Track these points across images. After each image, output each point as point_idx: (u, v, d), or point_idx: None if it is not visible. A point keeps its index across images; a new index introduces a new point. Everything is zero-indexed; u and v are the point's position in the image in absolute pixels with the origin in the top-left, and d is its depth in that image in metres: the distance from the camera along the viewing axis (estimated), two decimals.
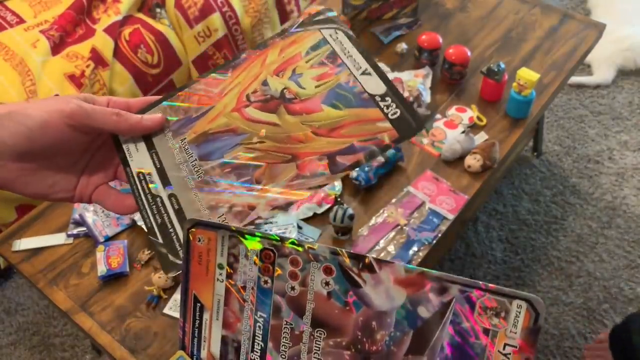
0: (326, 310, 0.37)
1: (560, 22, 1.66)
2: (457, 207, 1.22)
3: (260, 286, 0.38)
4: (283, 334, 0.38)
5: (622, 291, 1.61)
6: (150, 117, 0.46)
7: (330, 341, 0.37)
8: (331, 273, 0.36)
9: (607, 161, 1.93)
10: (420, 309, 0.35)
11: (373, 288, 0.36)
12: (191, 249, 0.39)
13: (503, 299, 0.34)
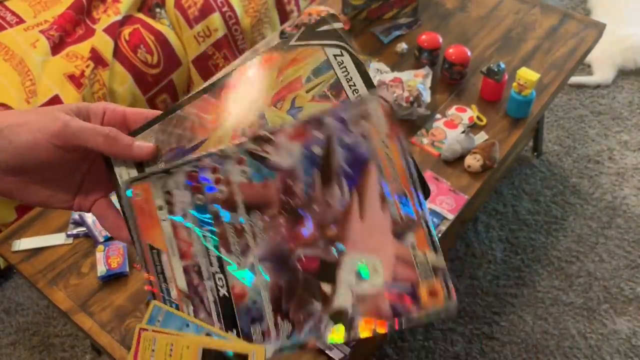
0: (252, 194, 0.41)
1: (560, 22, 1.66)
2: (457, 207, 1.22)
3: (196, 205, 0.42)
4: (229, 234, 0.41)
5: (622, 291, 1.61)
6: (142, 145, 0.43)
7: (266, 217, 0.41)
8: (243, 162, 0.41)
9: (607, 161, 1.93)
10: (314, 148, 0.41)
11: (277, 153, 0.41)
12: (134, 207, 0.42)
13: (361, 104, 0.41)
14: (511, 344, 1.52)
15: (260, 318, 0.40)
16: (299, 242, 0.40)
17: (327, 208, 0.40)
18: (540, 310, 1.58)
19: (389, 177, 0.40)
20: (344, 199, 0.40)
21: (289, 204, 0.41)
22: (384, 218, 0.39)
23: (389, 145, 0.40)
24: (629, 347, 1.50)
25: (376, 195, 0.40)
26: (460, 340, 1.53)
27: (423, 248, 0.39)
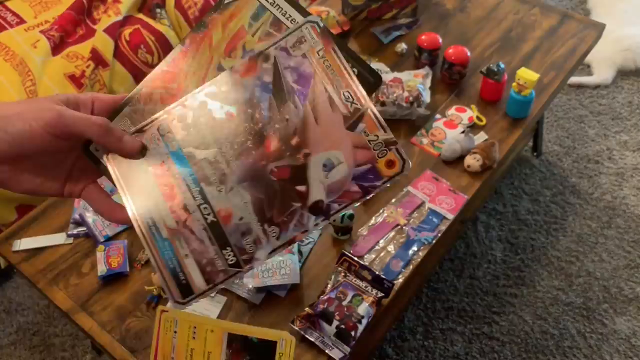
0: (218, 128, 0.46)
1: (560, 22, 1.66)
2: (456, 207, 1.22)
3: (172, 151, 0.46)
4: (205, 169, 0.46)
5: (622, 291, 1.61)
6: (131, 141, 0.46)
7: (235, 145, 0.46)
8: (205, 105, 0.47)
9: (607, 161, 1.93)
10: (265, 77, 0.46)
11: (234, 91, 0.47)
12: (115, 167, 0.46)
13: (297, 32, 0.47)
14: (511, 344, 1.52)
15: (249, 231, 0.44)
16: (269, 158, 0.45)
17: (286, 123, 0.46)
18: (540, 310, 1.58)
19: (332, 82, 0.46)
20: (298, 112, 0.46)
21: (253, 128, 0.46)
22: (335, 117, 0.45)
23: (326, 57, 0.46)
24: (628, 346, 1.50)
25: (325, 100, 0.46)
26: (460, 339, 1.53)
27: (374, 131, 0.45)
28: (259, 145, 0.46)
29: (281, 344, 0.42)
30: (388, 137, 0.45)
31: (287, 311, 1.06)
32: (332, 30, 1.58)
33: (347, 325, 1.00)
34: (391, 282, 1.04)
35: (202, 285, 0.44)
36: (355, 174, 0.44)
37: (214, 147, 0.46)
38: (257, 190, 0.45)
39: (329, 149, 0.45)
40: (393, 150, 0.45)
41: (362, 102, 0.46)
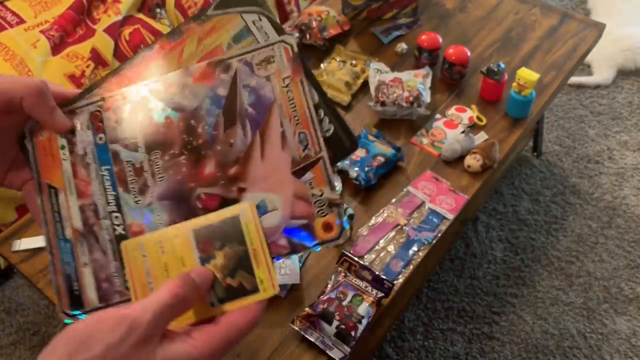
0: (153, 132, 0.42)
1: (560, 22, 1.66)
2: (457, 207, 1.22)
3: (97, 144, 0.42)
4: (127, 173, 0.42)
5: (622, 291, 1.61)
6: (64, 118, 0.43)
7: (166, 156, 0.42)
8: (147, 101, 0.42)
9: (607, 161, 1.93)
10: (219, 90, 0.42)
11: (181, 94, 0.42)
12: (37, 147, 0.43)
13: (267, 49, 0.43)
14: (511, 344, 1.52)
15: None
16: (200, 181, 0.41)
17: (229, 148, 0.41)
18: (540, 310, 1.58)
19: (290, 117, 0.42)
20: (246, 139, 0.42)
21: (191, 143, 0.42)
22: (284, 157, 0.41)
23: (291, 88, 0.42)
24: (628, 346, 1.50)
25: (277, 136, 0.41)
26: (460, 340, 1.53)
27: (320, 185, 0.41)
28: (193, 164, 0.41)
29: (243, 214, 0.40)
30: (333, 197, 0.40)
31: (287, 311, 1.06)
32: (331, 31, 1.59)
33: (347, 326, 1.00)
34: (391, 282, 1.04)
35: (95, 301, 0.40)
36: (288, 227, 0.40)
37: (144, 152, 0.42)
38: (177, 213, 0.41)
39: (267, 191, 0.41)
40: (335, 213, 0.40)
41: (316, 150, 0.41)
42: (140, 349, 0.34)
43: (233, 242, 0.40)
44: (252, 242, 0.40)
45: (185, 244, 0.40)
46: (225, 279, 0.39)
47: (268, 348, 1.02)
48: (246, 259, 0.39)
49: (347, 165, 1.25)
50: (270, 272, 0.39)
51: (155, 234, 0.40)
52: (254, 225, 0.40)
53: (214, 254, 0.39)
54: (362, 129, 1.36)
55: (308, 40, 1.57)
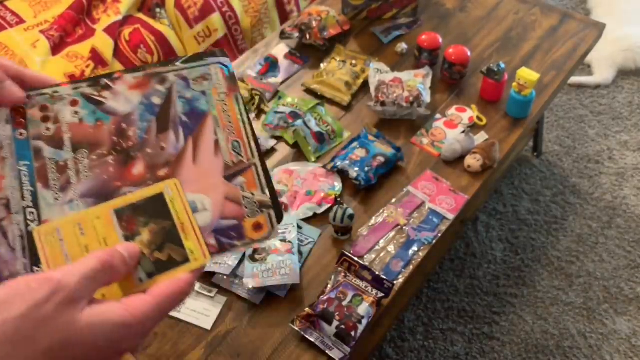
0: (81, 133, 0.42)
1: (560, 22, 1.66)
2: (457, 207, 1.22)
3: (16, 139, 0.41)
4: (49, 170, 0.41)
5: (622, 291, 1.61)
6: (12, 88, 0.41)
7: (93, 156, 0.42)
8: (77, 104, 0.43)
9: (607, 161, 1.93)
10: (154, 98, 0.43)
11: (114, 100, 0.43)
12: None
13: (203, 67, 0.45)
14: (511, 344, 1.52)
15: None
16: (127, 181, 0.41)
17: (160, 151, 0.42)
18: (541, 310, 1.58)
19: (224, 127, 0.44)
20: (178, 144, 0.43)
21: (121, 145, 0.42)
22: (216, 162, 0.43)
23: (226, 102, 0.44)
24: (629, 347, 1.50)
25: (211, 143, 0.43)
26: (460, 340, 1.53)
27: (251, 188, 0.42)
28: (121, 164, 0.41)
29: (167, 191, 0.40)
30: (263, 199, 0.42)
31: (287, 311, 1.06)
32: (331, 30, 1.59)
33: (347, 326, 1.00)
34: (391, 282, 1.04)
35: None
36: (218, 227, 0.41)
37: (69, 151, 0.42)
38: None
39: (198, 192, 0.41)
40: (265, 214, 0.42)
41: (249, 157, 0.43)
42: (65, 309, 0.32)
43: (158, 218, 0.40)
44: (178, 216, 0.40)
45: (107, 224, 0.39)
46: (152, 253, 0.39)
47: (268, 348, 1.02)
48: (174, 233, 0.40)
49: (347, 165, 1.25)
50: (200, 241, 0.40)
51: (71, 216, 0.39)
52: (179, 199, 0.40)
53: (139, 231, 0.39)
54: (362, 129, 1.36)
55: (308, 40, 1.57)
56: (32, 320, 0.31)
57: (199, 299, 1.08)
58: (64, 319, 0.32)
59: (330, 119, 1.39)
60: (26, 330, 0.31)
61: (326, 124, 1.37)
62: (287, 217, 1.19)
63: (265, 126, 1.39)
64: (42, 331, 0.32)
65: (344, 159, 1.28)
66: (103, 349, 0.34)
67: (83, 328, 0.33)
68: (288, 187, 1.25)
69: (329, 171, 1.28)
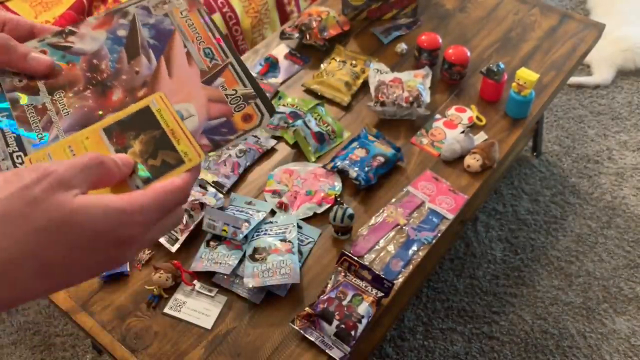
0: (54, 77, 0.43)
1: (560, 22, 1.66)
2: (456, 206, 1.22)
3: None
4: (29, 115, 0.42)
5: (622, 291, 1.61)
6: (39, 57, 0.43)
7: (70, 94, 0.43)
8: (45, 53, 0.44)
9: (607, 161, 1.94)
10: (119, 32, 0.45)
11: (81, 42, 0.45)
12: None
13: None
14: (511, 344, 1.52)
15: None
16: (108, 108, 0.42)
17: (135, 76, 0.44)
18: (540, 310, 1.59)
19: (192, 39, 0.45)
20: (151, 65, 0.44)
21: (95, 78, 0.43)
22: (192, 71, 0.44)
23: (190, 17, 0.46)
24: (628, 346, 1.50)
25: (182, 55, 0.44)
26: (460, 339, 1.54)
27: (232, 85, 0.44)
28: (99, 95, 0.43)
29: (153, 104, 0.41)
30: (247, 92, 0.43)
31: (287, 311, 1.06)
32: (331, 31, 1.59)
33: (347, 325, 1.00)
34: (391, 282, 1.04)
35: None
36: (207, 128, 0.42)
37: (46, 95, 0.43)
38: None
39: (180, 102, 0.43)
40: (252, 104, 0.43)
41: (222, 58, 0.44)
42: (56, 190, 0.32)
43: (147, 129, 0.40)
44: (167, 124, 0.41)
45: (98, 143, 0.40)
46: (146, 162, 0.40)
47: (268, 347, 1.02)
48: (165, 139, 0.40)
49: (347, 165, 1.26)
50: (192, 142, 0.40)
51: (62, 140, 0.40)
52: (166, 109, 0.41)
53: (130, 144, 0.40)
54: (362, 129, 1.37)
55: (308, 40, 1.58)
56: (22, 200, 0.31)
57: (200, 299, 1.08)
58: (56, 199, 0.32)
59: (330, 119, 1.40)
60: (16, 210, 0.31)
61: (326, 124, 1.38)
62: (287, 217, 1.19)
63: (266, 126, 1.39)
64: (33, 210, 0.31)
65: (344, 159, 1.28)
66: (100, 234, 0.33)
67: (77, 209, 0.32)
68: (288, 187, 1.26)
69: (329, 171, 1.28)
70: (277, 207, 1.22)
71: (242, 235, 1.13)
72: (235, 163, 1.29)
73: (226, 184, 1.26)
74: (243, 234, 1.13)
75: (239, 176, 1.29)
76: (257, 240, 1.13)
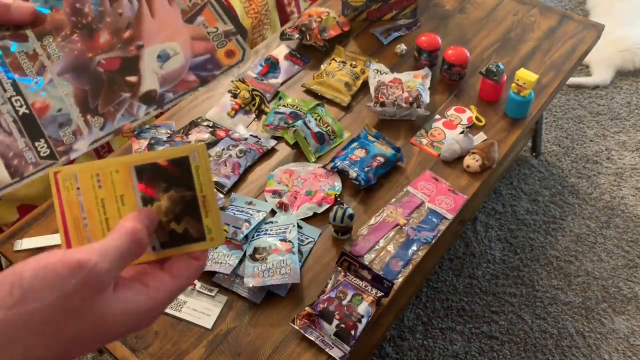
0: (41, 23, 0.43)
1: (559, 23, 1.67)
2: (456, 206, 1.22)
3: None
4: (21, 61, 0.43)
5: (621, 290, 1.62)
6: (22, 5, 0.43)
7: (59, 38, 0.43)
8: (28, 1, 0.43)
9: (606, 161, 1.94)
10: None
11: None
12: None
13: None
14: (510, 343, 1.53)
15: (69, 122, 0.42)
16: (97, 50, 0.43)
17: (119, 17, 0.44)
18: (539, 310, 1.59)
19: None
20: (133, 6, 0.44)
21: (81, 22, 0.44)
22: (173, 10, 0.44)
23: None
24: (627, 346, 1.51)
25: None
26: (459, 339, 1.54)
27: (213, 23, 0.44)
28: (87, 38, 0.44)
29: (193, 156, 0.39)
30: (228, 28, 0.44)
31: (288, 310, 1.07)
32: (331, 32, 1.60)
33: (347, 325, 1.01)
34: (391, 282, 1.05)
35: (6, 179, 0.41)
36: (193, 64, 0.44)
37: (34, 41, 0.44)
38: (81, 81, 0.43)
39: (165, 41, 0.44)
40: (233, 41, 0.44)
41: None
42: (97, 298, 0.32)
43: (181, 185, 0.39)
44: (201, 188, 0.39)
45: (126, 181, 0.38)
46: (169, 222, 0.39)
47: (268, 347, 1.02)
48: (194, 205, 0.39)
49: (347, 166, 1.26)
50: (219, 221, 0.39)
51: (91, 164, 0.39)
52: (205, 169, 0.40)
53: (159, 196, 0.39)
54: (361, 130, 1.37)
55: (308, 41, 1.58)
56: (61, 310, 0.31)
57: (200, 298, 1.09)
58: (96, 308, 0.32)
59: (330, 120, 1.40)
60: (53, 321, 0.31)
61: (326, 125, 1.38)
62: (287, 217, 1.19)
63: (266, 126, 1.39)
64: (70, 321, 0.31)
65: (343, 159, 1.29)
66: (123, 333, 0.35)
67: (110, 317, 0.33)
68: (288, 187, 1.26)
69: (329, 171, 1.28)
70: (277, 207, 1.22)
71: (243, 235, 1.14)
72: (236, 163, 1.29)
73: (227, 184, 1.27)
74: (243, 234, 1.14)
75: (240, 176, 1.29)
76: (258, 240, 1.13)
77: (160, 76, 0.43)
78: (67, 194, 0.38)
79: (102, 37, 0.44)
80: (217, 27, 0.44)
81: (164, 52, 0.43)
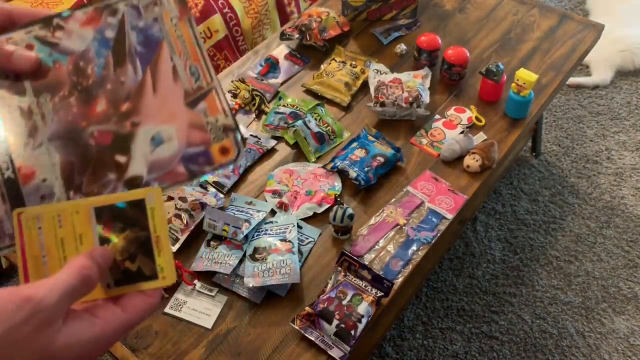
0: (41, 76, 0.42)
1: (559, 23, 1.67)
2: (456, 206, 1.22)
3: None
4: (15, 118, 0.42)
5: (621, 290, 1.62)
6: (24, 55, 0.42)
7: (56, 98, 0.42)
8: (32, 47, 0.43)
9: (606, 161, 1.94)
10: (107, 32, 0.43)
11: (68, 40, 0.43)
12: None
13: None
14: (510, 343, 1.53)
15: (51, 195, 0.41)
16: (92, 119, 0.41)
17: (120, 86, 0.42)
18: (539, 310, 1.59)
19: (180, 53, 0.43)
20: (136, 76, 0.42)
21: (81, 84, 0.42)
22: (176, 90, 0.42)
23: (179, 26, 0.43)
24: (627, 346, 1.51)
25: (168, 70, 0.43)
26: (459, 339, 1.54)
27: (214, 113, 0.42)
28: (83, 103, 0.42)
29: (149, 199, 0.39)
30: (227, 123, 0.42)
31: (288, 310, 1.07)
32: (331, 32, 1.60)
33: (347, 325, 1.01)
34: (391, 282, 1.05)
35: None
36: (185, 155, 0.41)
37: (31, 96, 0.42)
38: (70, 151, 0.41)
39: (162, 123, 0.41)
40: (230, 137, 0.42)
41: (208, 80, 0.43)
42: (43, 331, 0.33)
43: (136, 226, 0.39)
44: (155, 229, 0.40)
45: (85, 221, 0.39)
46: (124, 262, 0.39)
47: (268, 347, 1.02)
48: (148, 245, 0.39)
49: (347, 166, 1.26)
50: (171, 261, 0.40)
51: (53, 205, 0.39)
52: (160, 210, 0.40)
53: (115, 236, 0.39)
54: (361, 130, 1.37)
55: (308, 41, 1.58)
56: (9, 342, 0.32)
57: (200, 298, 1.09)
58: (41, 341, 0.33)
59: (330, 120, 1.40)
60: (2, 353, 0.31)
61: (326, 125, 1.38)
62: (287, 217, 1.19)
63: (266, 126, 1.40)
64: (18, 353, 0.32)
65: (343, 159, 1.29)
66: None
67: (59, 348, 0.34)
68: (288, 187, 1.26)
69: (329, 171, 1.29)
70: (277, 207, 1.22)
71: (243, 235, 1.14)
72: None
73: (226, 184, 1.27)
74: (243, 234, 1.14)
75: (240, 176, 1.29)
76: (258, 240, 1.13)
77: (150, 162, 0.41)
78: (29, 232, 0.38)
79: (100, 105, 0.42)
80: (217, 118, 0.42)
81: (158, 136, 0.41)
